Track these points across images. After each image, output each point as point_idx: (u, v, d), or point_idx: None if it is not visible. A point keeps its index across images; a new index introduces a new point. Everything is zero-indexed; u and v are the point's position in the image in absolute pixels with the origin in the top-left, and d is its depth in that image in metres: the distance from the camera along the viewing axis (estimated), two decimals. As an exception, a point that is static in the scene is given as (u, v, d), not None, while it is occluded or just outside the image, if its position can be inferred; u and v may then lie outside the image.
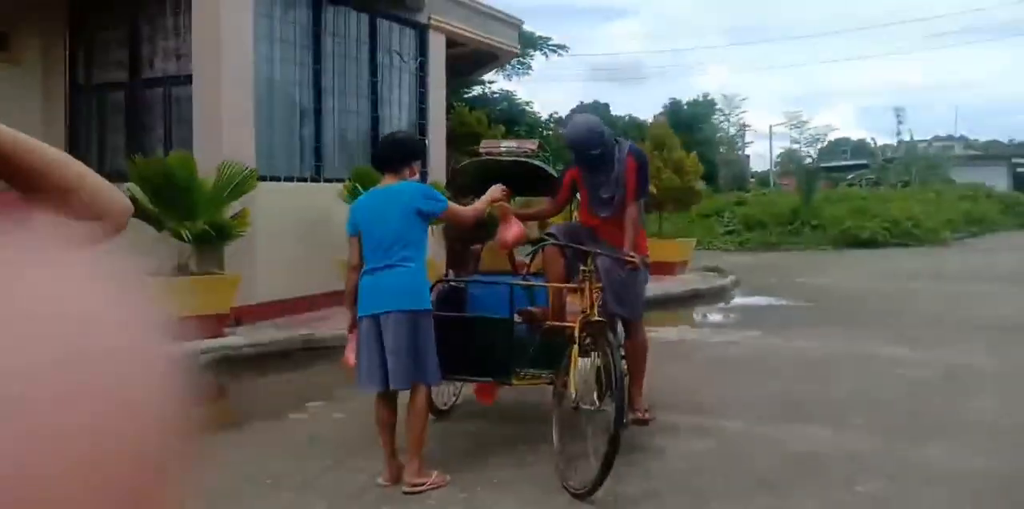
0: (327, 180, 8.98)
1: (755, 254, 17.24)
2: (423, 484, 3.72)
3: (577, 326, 4.02)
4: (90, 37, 9.18)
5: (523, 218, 4.81)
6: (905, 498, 3.66)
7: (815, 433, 4.60)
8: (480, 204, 4.22)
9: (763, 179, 41.04)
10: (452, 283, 5.03)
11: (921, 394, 5.44)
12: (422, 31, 10.75)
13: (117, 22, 8.94)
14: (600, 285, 4.29)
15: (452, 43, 11.48)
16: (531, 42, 23.44)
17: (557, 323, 4.35)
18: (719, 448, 4.37)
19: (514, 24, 13.25)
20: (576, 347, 3.96)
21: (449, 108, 12.21)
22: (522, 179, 5.33)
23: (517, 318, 4.44)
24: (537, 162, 5.12)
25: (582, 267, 4.22)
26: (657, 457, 4.21)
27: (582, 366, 4.01)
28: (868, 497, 3.68)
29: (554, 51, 28.32)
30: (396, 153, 4.01)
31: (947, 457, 4.15)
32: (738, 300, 10.65)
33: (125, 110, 8.89)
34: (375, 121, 9.96)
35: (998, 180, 34.32)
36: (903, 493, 3.71)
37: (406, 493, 3.70)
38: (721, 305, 10.30)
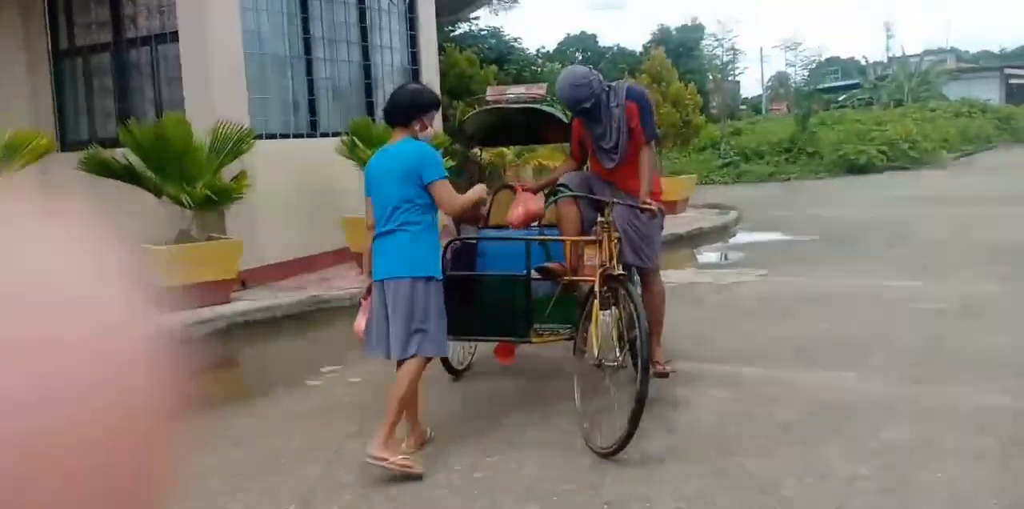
0: (323, 134, 8.80)
1: (754, 186, 17.15)
2: (384, 460, 3.43)
3: (597, 280, 3.94)
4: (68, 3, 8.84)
5: (545, 185, 4.70)
6: (933, 442, 3.70)
7: (836, 378, 4.63)
8: (469, 196, 3.94)
9: (755, 105, 40.54)
10: (464, 240, 4.89)
11: (938, 330, 5.46)
12: (408, -30, 10.36)
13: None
14: (618, 236, 4.16)
15: (438, -20, 11.08)
16: (515, -27, 22.73)
17: (576, 277, 4.27)
18: (741, 397, 4.39)
19: (499, -43, 12.79)
20: (596, 302, 3.89)
21: (439, 50, 11.89)
22: (532, 126, 5.25)
23: (534, 275, 4.33)
24: (547, 108, 4.96)
25: (599, 218, 4.12)
26: (680, 409, 4.23)
27: (603, 321, 3.94)
28: (896, 443, 3.72)
29: (538, -20, 27.53)
30: (401, 106, 3.81)
31: (971, 396, 4.19)
32: (741, 237, 10.63)
33: (112, 72, 8.64)
34: (367, 69, 9.70)
35: (991, 93, 33.99)
36: (930, 437, 3.74)
37: (368, 463, 3.49)
38: (725, 243, 10.28)
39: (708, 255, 9.61)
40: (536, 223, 5.11)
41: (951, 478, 3.35)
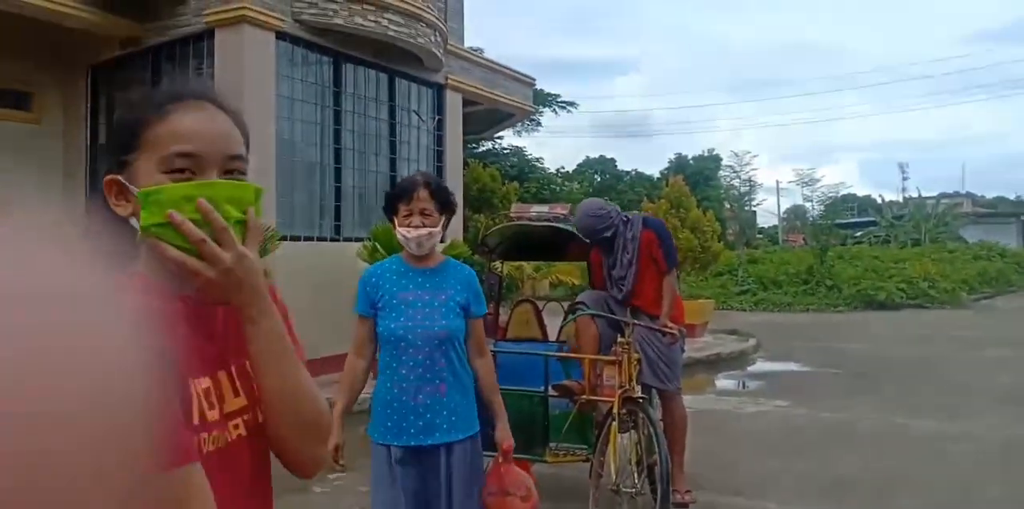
0: (346, 239, 8.89)
1: (771, 314, 17.01)
2: None
3: (616, 402, 3.82)
4: (110, 96, 9.22)
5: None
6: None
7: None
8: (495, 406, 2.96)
9: (770, 235, 41.04)
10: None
11: (967, 473, 5.18)
12: (439, 90, 10.81)
13: (137, 81, 8.98)
14: (638, 357, 4.11)
15: (468, 102, 11.54)
16: (540, 99, 23.75)
17: (594, 398, 4.13)
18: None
19: (528, 83, 13.37)
20: (615, 424, 3.77)
21: (463, 165, 12.21)
22: (553, 243, 5.32)
23: (552, 391, 4.24)
24: (569, 227, 5.00)
25: (619, 338, 4.04)
26: (700, 545, 3.96)
27: (621, 445, 3.82)
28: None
29: (563, 108, 28.75)
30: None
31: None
32: (760, 365, 10.39)
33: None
34: (393, 180, 9.91)
35: (1008, 238, 34.22)
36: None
37: None
38: (744, 371, 10.04)
39: (726, 382, 9.35)
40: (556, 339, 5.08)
41: None
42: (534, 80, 13.60)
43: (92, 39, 8.60)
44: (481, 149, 22.15)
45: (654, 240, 4.55)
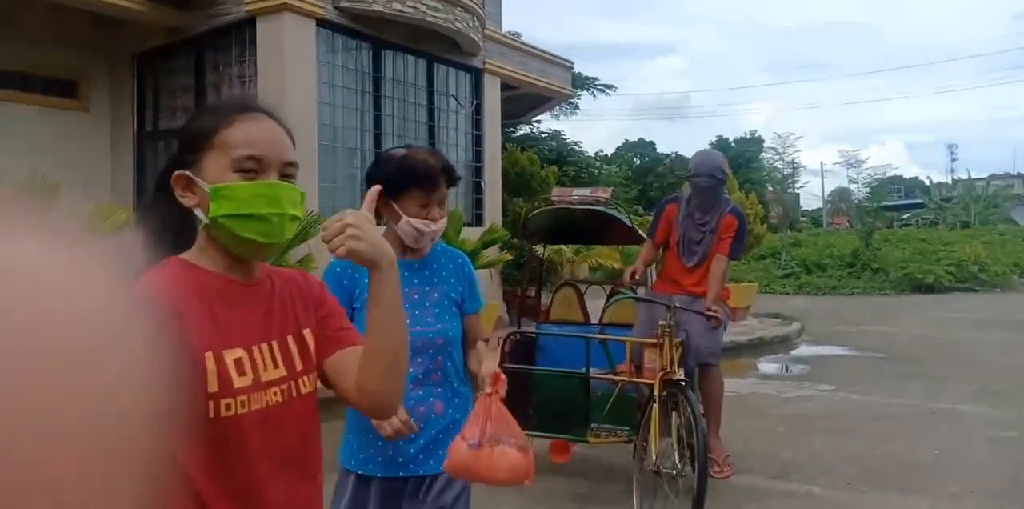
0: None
1: (815, 298, 16.76)
2: None
3: (657, 384, 3.85)
4: (156, 85, 9.38)
5: (634, 274, 4.66)
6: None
7: (912, 504, 4.29)
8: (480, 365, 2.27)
9: (814, 218, 40.36)
10: (524, 333, 4.91)
11: (1017, 460, 5.07)
12: (477, 75, 10.80)
13: (183, 70, 9.11)
14: (679, 341, 4.13)
15: (507, 86, 11.51)
16: (579, 82, 23.57)
17: (635, 380, 4.18)
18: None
19: (566, 66, 13.28)
20: (656, 407, 3.79)
21: (501, 149, 12.20)
22: (594, 227, 5.31)
23: (595, 372, 4.27)
24: (611, 211, 5.01)
25: (661, 321, 4.06)
26: (743, 528, 3.95)
27: (666, 424, 3.83)
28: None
29: (602, 91, 28.51)
30: None
31: (1065, 536, 3.81)
32: (804, 349, 10.27)
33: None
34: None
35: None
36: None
37: None
38: (788, 354, 9.94)
39: (769, 366, 9.26)
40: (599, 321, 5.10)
41: None
42: (572, 63, 13.51)
43: (137, 28, 8.75)
44: (519, 133, 22.08)
45: (732, 226, 4.60)
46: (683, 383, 3.89)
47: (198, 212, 1.26)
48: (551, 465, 4.58)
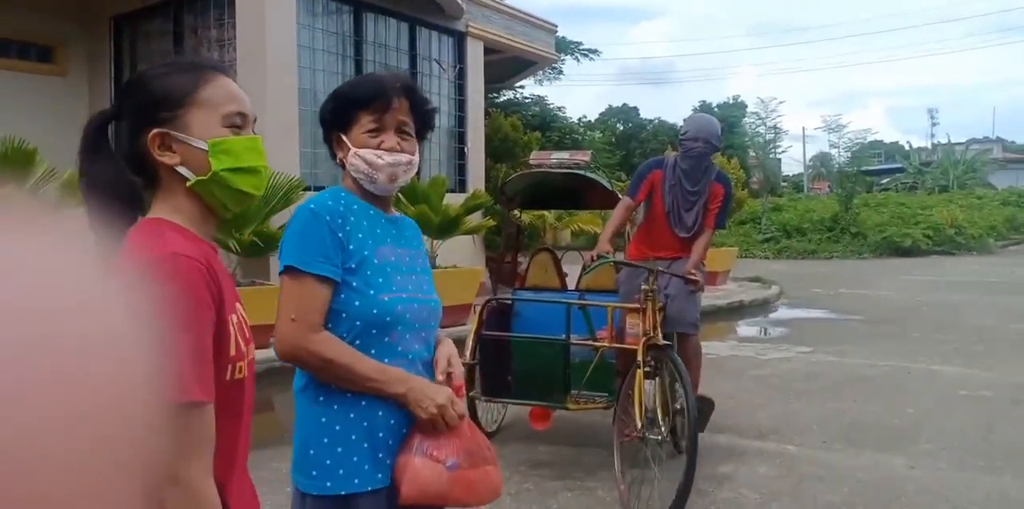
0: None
1: (795, 262, 16.98)
2: None
3: (640, 349, 3.81)
4: (134, 49, 9.23)
5: (611, 234, 4.35)
6: (991, 535, 3.49)
7: (885, 461, 4.43)
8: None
9: (796, 183, 40.52)
10: (500, 300, 4.84)
11: (989, 418, 5.24)
12: (460, 39, 10.70)
13: (160, 34, 8.97)
14: (662, 305, 4.08)
15: (490, 50, 11.41)
16: (562, 46, 23.38)
17: (617, 345, 4.13)
18: (787, 475, 4.21)
19: (551, 30, 13.17)
20: (640, 372, 3.75)
21: (484, 114, 12.15)
22: (573, 191, 5.21)
23: (574, 339, 4.25)
24: (592, 174, 4.92)
25: (643, 286, 4.00)
26: (724, 485, 4.06)
27: (647, 392, 3.78)
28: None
29: (585, 55, 28.30)
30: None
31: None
32: (783, 312, 10.44)
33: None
34: (416, 130, 9.92)
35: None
36: (988, 530, 3.54)
37: None
38: (766, 317, 10.10)
39: (748, 329, 9.42)
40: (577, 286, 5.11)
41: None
42: (556, 27, 13.39)
43: (113, -10, 8.59)
44: (503, 99, 21.93)
45: (720, 195, 4.45)
46: (667, 347, 3.86)
47: (183, 170, 1.25)
48: (531, 432, 4.64)
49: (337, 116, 1.76)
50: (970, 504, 3.79)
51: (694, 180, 4.39)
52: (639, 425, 3.62)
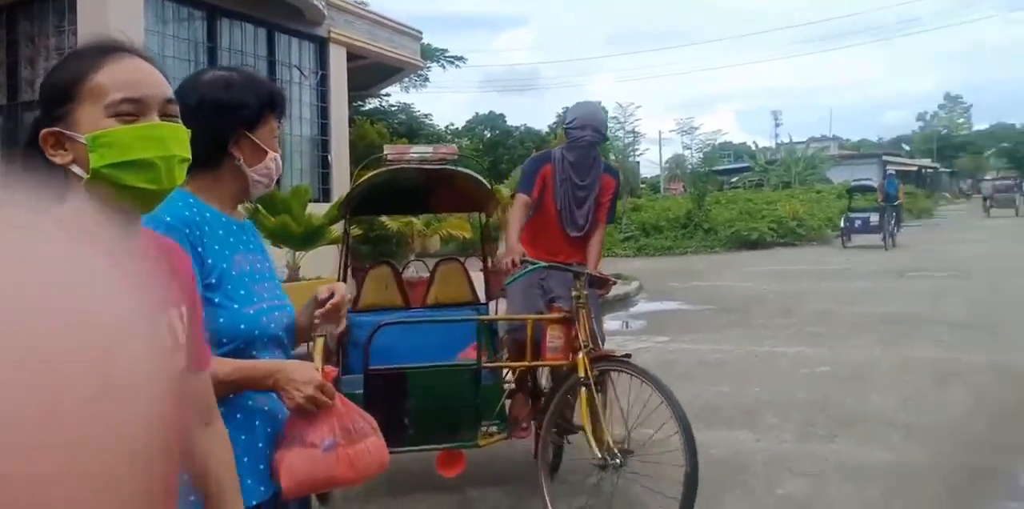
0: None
1: (653, 259, 17.81)
2: None
3: (581, 363, 3.37)
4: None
5: (519, 236, 3.87)
6: (822, 496, 3.89)
7: (734, 437, 4.81)
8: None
9: (653, 184, 42.27)
10: (393, 324, 3.78)
11: (827, 392, 5.76)
12: (322, 44, 10.64)
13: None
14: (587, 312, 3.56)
15: (354, 56, 11.39)
16: (428, 53, 23.48)
17: (540, 363, 3.73)
18: (640, 454, 4.47)
19: (415, 36, 13.27)
20: (585, 390, 3.34)
21: (349, 122, 12.10)
22: (439, 192, 4.57)
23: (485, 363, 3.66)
24: (464, 170, 4.43)
25: (573, 292, 3.54)
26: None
27: (596, 409, 3.38)
28: (789, 497, 3.89)
29: (451, 62, 28.51)
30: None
31: (857, 453, 4.43)
32: (643, 306, 10.97)
33: (3, 135, 8.43)
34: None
35: (871, 176, 36.50)
36: (821, 491, 3.94)
37: None
38: (628, 311, 10.58)
39: (611, 323, 9.83)
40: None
41: (841, 528, 3.53)
42: (421, 33, 13.50)
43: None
44: (368, 107, 21.80)
45: (611, 187, 4.16)
46: (621, 357, 3.48)
47: (75, 169, 1.14)
48: (440, 481, 3.85)
49: (251, 116, 1.64)
50: (811, 470, 4.20)
51: (583, 173, 4.07)
52: (597, 451, 3.28)
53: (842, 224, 18.86)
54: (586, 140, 4.04)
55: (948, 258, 15.05)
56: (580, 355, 3.40)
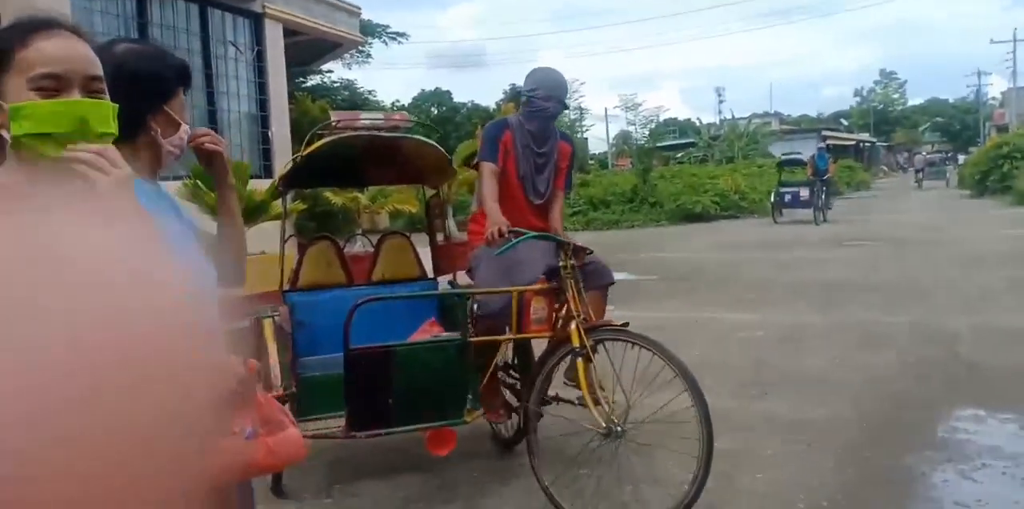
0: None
1: (601, 232, 18.03)
2: None
3: (575, 333, 3.33)
4: None
5: (497, 205, 3.76)
6: (754, 450, 4.07)
7: (671, 398, 4.96)
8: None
9: (601, 160, 42.57)
10: (377, 300, 3.57)
11: (762, 354, 5.97)
12: (257, 20, 10.46)
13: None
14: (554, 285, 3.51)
15: (291, 32, 11.23)
16: (369, 30, 23.20)
17: (525, 335, 3.66)
18: (584, 417, 4.59)
19: (353, 12, 13.10)
20: (583, 362, 3.36)
21: (290, 98, 11.94)
22: (383, 164, 4.23)
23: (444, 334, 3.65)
24: (419, 137, 4.17)
25: (560, 262, 3.46)
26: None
27: (594, 380, 3.40)
28: (723, 451, 4.02)
29: (393, 38, 28.18)
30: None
31: (788, 410, 4.63)
32: (589, 278, 11.14)
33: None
34: (212, 114, 9.62)
35: (810, 151, 37.19)
36: (752, 445, 4.12)
37: None
38: (574, 283, 10.73)
39: (557, 295, 9.99)
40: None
41: (769, 479, 3.71)
42: (360, 9, 13.33)
43: None
44: (310, 83, 21.50)
45: (567, 153, 4.12)
46: (623, 326, 3.46)
47: (4, 133, 1.23)
48: (428, 460, 3.82)
49: (162, 88, 1.66)
50: (745, 425, 4.37)
51: (541, 141, 3.99)
52: (601, 420, 3.30)
53: (772, 198, 18.63)
54: (550, 111, 3.94)
55: (882, 228, 15.56)
56: (573, 325, 3.33)
